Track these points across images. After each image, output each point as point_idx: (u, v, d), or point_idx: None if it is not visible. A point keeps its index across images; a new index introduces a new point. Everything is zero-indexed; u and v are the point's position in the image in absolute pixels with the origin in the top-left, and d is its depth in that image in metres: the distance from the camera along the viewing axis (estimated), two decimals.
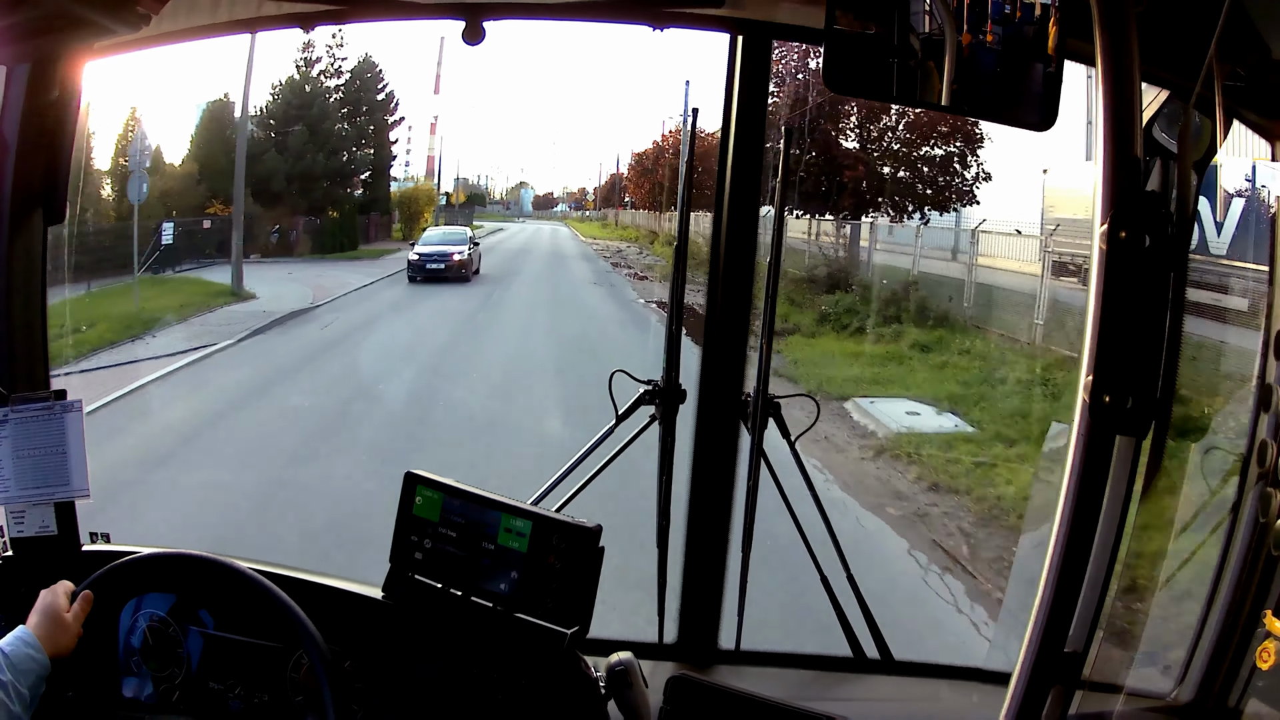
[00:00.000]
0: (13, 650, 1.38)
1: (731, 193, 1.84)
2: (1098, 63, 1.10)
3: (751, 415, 1.90)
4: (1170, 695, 1.56)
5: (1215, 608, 1.47)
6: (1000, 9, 1.15)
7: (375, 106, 25.76)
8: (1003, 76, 1.15)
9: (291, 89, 24.03)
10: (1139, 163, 1.11)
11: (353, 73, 24.85)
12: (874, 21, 1.15)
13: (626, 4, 1.78)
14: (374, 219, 26.35)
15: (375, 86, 25.54)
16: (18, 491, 1.67)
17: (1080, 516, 1.14)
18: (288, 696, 1.58)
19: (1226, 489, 1.52)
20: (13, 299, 1.69)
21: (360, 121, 25.50)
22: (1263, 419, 1.43)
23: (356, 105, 25.24)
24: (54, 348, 6.30)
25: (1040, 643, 1.16)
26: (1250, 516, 1.41)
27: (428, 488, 1.56)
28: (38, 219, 1.69)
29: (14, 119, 1.61)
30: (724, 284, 1.86)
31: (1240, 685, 1.42)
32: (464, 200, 39.56)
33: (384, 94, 25.96)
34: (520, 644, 1.51)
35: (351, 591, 1.62)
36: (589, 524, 1.50)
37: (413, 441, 7.36)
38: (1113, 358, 1.11)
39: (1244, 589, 1.42)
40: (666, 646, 1.95)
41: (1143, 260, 1.11)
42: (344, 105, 25.04)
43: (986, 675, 1.88)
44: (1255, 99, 1.40)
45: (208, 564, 1.53)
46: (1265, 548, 1.38)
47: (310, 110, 24.23)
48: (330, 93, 24.66)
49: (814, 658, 1.97)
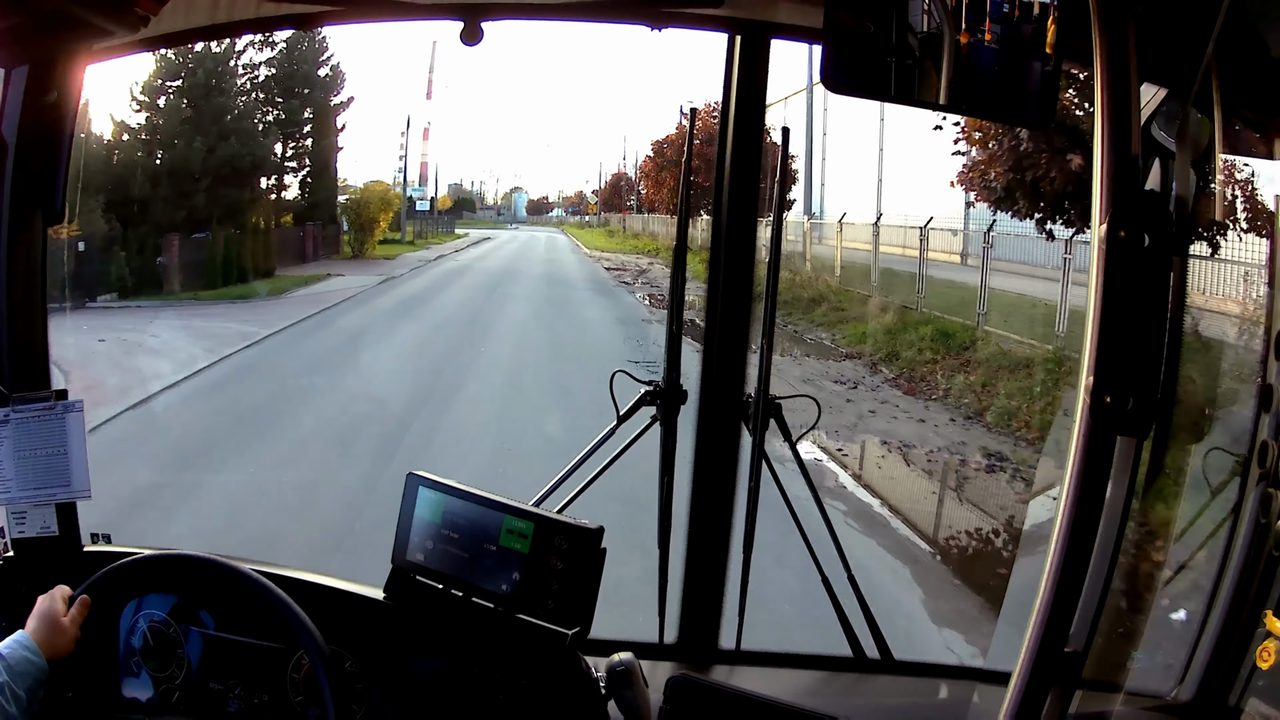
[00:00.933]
0: (10, 654, 1.38)
1: (730, 193, 1.84)
2: (1096, 61, 1.10)
3: (752, 416, 1.90)
4: (1170, 695, 1.56)
5: (1215, 608, 1.47)
6: (999, 8, 1.15)
7: (316, 84, 19.48)
8: (1001, 75, 1.15)
9: (182, 60, 17.18)
10: (1138, 162, 1.11)
11: (287, 43, 18.55)
12: (872, 21, 1.15)
13: (625, 4, 1.78)
14: (311, 231, 19.67)
15: (315, 59, 19.37)
16: (19, 492, 1.67)
17: (1081, 517, 1.14)
18: (288, 697, 1.58)
19: (1227, 490, 1.52)
20: (13, 299, 1.69)
21: (293, 104, 19.09)
22: (1263, 419, 1.43)
23: (289, 82, 18.99)
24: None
25: (1040, 642, 1.16)
26: (1251, 517, 1.41)
27: (430, 489, 1.56)
28: (37, 220, 1.69)
29: (13, 120, 1.61)
30: (724, 285, 1.86)
31: (1240, 685, 1.42)
32: (450, 206, 37.38)
33: (328, 69, 19.60)
34: (521, 645, 1.51)
35: (352, 592, 1.62)
36: (591, 525, 1.50)
37: None
38: (1113, 358, 1.11)
39: (1244, 589, 1.42)
40: (667, 646, 1.95)
41: (1142, 259, 1.11)
42: (273, 84, 18.84)
43: (986, 675, 1.87)
44: (1254, 97, 1.40)
45: (208, 565, 1.53)
46: (1266, 548, 1.38)
47: (195, 78, 17.03)
48: (234, 57, 17.99)
49: (814, 658, 1.96)
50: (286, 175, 19.73)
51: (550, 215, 44.24)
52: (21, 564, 1.68)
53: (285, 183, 19.78)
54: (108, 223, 14.47)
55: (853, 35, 1.15)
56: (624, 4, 1.78)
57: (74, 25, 1.38)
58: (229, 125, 17.37)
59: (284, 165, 19.55)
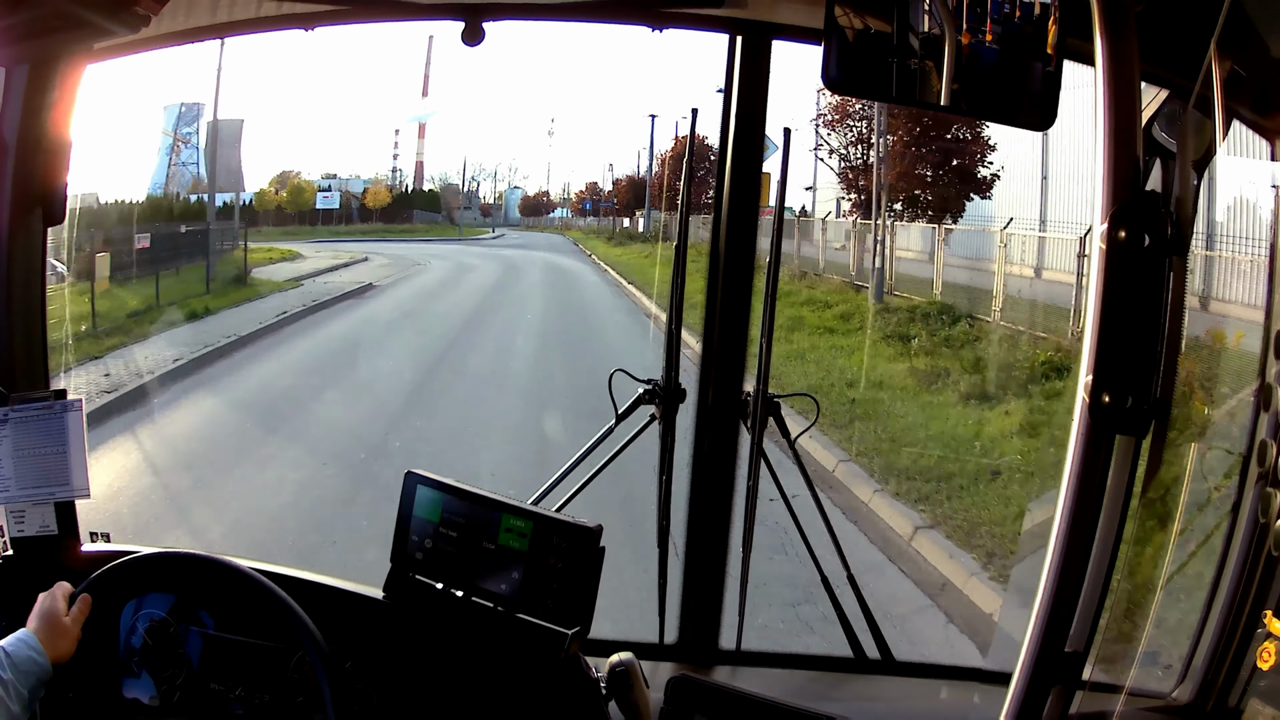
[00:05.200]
0: (15, 650, 1.38)
1: (731, 193, 1.84)
2: (1097, 62, 1.10)
3: (751, 415, 1.90)
4: (1170, 695, 1.56)
5: (1215, 608, 1.47)
6: (1000, 8, 1.15)
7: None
8: (1002, 76, 1.15)
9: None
10: (1139, 162, 1.11)
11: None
12: (873, 21, 1.15)
13: (625, 4, 1.78)
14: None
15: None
16: (18, 491, 1.67)
17: (1080, 516, 1.14)
18: (289, 697, 1.58)
19: (1226, 489, 1.52)
20: (13, 299, 1.69)
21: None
22: (1262, 418, 1.43)
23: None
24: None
25: (1040, 643, 1.16)
26: (1250, 516, 1.41)
27: (428, 487, 1.56)
28: (37, 219, 1.69)
29: (13, 120, 1.61)
30: (724, 284, 1.86)
31: (1240, 685, 1.42)
32: (389, 201, 27.98)
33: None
34: (521, 644, 1.51)
35: (352, 591, 1.62)
36: (590, 524, 1.50)
37: None
38: (1112, 357, 1.11)
39: (1244, 589, 1.42)
40: (667, 647, 1.95)
41: (1142, 259, 1.11)
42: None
43: (986, 675, 1.87)
44: (1255, 98, 1.40)
45: (208, 564, 1.53)
46: (1265, 548, 1.38)
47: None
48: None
49: (814, 658, 1.97)
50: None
51: (551, 217, 33.54)
52: (21, 563, 1.68)
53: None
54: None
55: (854, 35, 1.15)
56: (624, 4, 1.79)
57: (74, 25, 1.38)
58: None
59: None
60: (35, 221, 1.69)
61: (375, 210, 29.09)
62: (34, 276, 1.71)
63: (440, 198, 31.43)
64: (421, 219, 30.89)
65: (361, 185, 29.17)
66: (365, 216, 28.91)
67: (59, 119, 1.64)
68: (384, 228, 28.77)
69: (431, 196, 31.44)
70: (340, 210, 28.20)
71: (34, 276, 1.71)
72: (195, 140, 22.60)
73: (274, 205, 27.00)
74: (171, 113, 22.69)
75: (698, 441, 1.93)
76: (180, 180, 22.76)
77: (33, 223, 1.69)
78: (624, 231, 26.68)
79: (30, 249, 1.70)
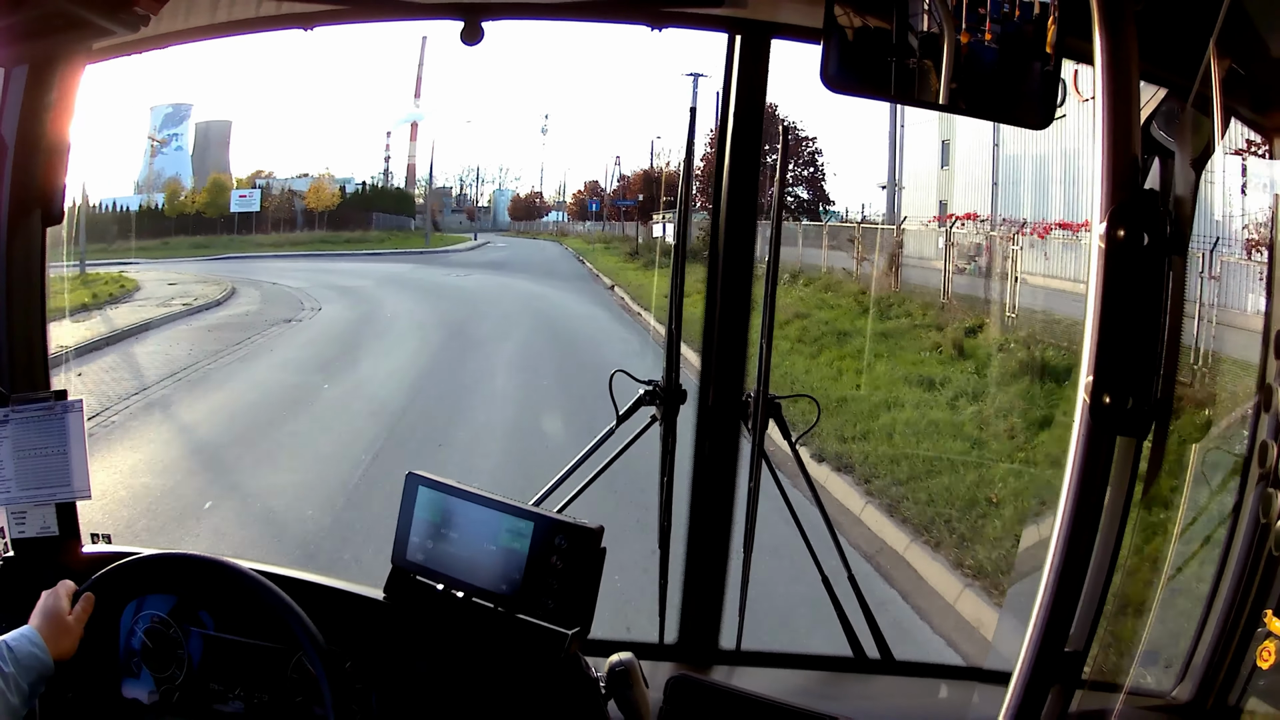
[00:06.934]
0: (18, 645, 1.38)
1: (730, 193, 1.84)
2: (1096, 61, 1.10)
3: (752, 416, 1.90)
4: (1170, 694, 1.56)
5: (1215, 608, 1.47)
6: (999, 7, 1.15)
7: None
8: (1001, 75, 1.15)
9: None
10: (1138, 161, 1.11)
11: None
12: (873, 20, 1.15)
13: (625, 4, 1.78)
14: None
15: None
16: (19, 492, 1.67)
17: (1081, 517, 1.14)
18: (288, 697, 1.58)
19: (1227, 489, 1.52)
20: (12, 299, 1.69)
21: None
22: (1263, 419, 1.43)
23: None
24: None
25: (1040, 642, 1.16)
26: (1251, 517, 1.41)
27: (429, 488, 1.56)
28: (36, 220, 1.69)
29: (13, 120, 1.61)
30: (723, 284, 1.86)
31: (1240, 685, 1.42)
32: (338, 203, 22.25)
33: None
34: (521, 645, 1.51)
35: (352, 592, 1.62)
36: (591, 525, 1.50)
37: None
38: (1112, 358, 1.11)
39: (1244, 589, 1.42)
40: (667, 647, 1.95)
41: (1142, 259, 1.11)
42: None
43: (986, 675, 1.87)
44: (1254, 97, 1.40)
45: (208, 565, 1.53)
46: (1266, 548, 1.38)
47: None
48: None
49: (814, 658, 1.96)
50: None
51: (545, 221, 29.26)
52: (22, 564, 1.68)
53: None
54: None
55: (853, 35, 1.15)
56: (624, 4, 1.78)
57: (74, 25, 1.38)
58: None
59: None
60: (34, 222, 1.69)
61: (319, 214, 23.56)
62: (33, 276, 1.71)
63: (410, 199, 27.23)
64: (384, 224, 25.94)
65: (307, 184, 24.67)
66: (309, 222, 23.72)
67: (58, 119, 1.64)
68: (323, 237, 23.03)
69: (401, 197, 26.66)
70: (276, 215, 23.39)
71: (33, 276, 1.71)
72: (175, 142, 21.66)
73: (192, 209, 22.73)
74: (159, 114, 22.01)
75: (699, 442, 1.93)
76: (156, 183, 21.73)
77: (32, 223, 1.69)
78: (648, 245, 18.36)
79: (29, 249, 1.70)
